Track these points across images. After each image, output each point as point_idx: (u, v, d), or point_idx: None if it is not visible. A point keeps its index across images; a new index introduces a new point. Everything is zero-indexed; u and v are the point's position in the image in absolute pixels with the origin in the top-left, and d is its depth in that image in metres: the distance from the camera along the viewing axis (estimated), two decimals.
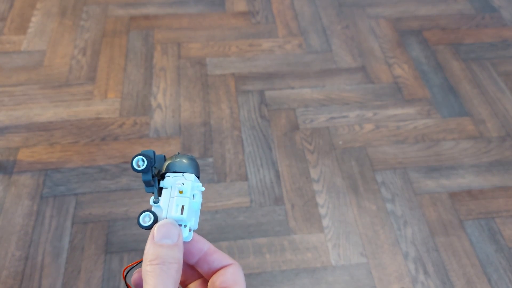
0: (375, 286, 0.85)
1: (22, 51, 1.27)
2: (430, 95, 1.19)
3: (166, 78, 1.21)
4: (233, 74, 1.22)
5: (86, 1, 1.43)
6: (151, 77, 1.21)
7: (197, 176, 0.31)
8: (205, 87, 1.19)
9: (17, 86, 1.18)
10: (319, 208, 0.96)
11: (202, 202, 0.95)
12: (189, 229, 0.30)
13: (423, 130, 1.11)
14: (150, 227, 0.29)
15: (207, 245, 0.31)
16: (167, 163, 0.31)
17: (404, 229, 0.93)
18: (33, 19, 1.36)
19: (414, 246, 0.91)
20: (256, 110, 1.14)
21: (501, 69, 1.26)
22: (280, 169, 1.02)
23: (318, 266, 0.88)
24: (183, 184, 0.30)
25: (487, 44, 1.33)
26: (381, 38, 1.34)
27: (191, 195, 0.30)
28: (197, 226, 0.31)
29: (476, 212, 0.96)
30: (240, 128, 1.10)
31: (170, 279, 0.27)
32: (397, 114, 1.14)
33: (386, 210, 0.96)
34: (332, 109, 1.15)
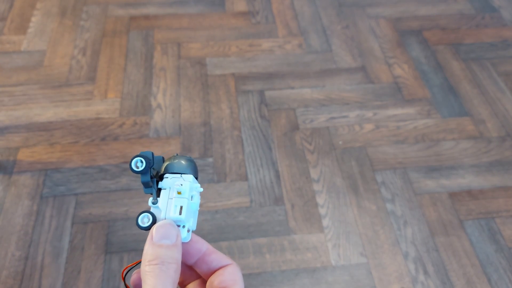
0: (375, 286, 0.85)
1: (22, 51, 1.27)
2: (430, 95, 1.19)
3: (166, 78, 1.21)
4: (233, 74, 1.22)
5: (86, 1, 1.43)
6: (151, 77, 1.21)
7: (195, 177, 0.32)
8: (205, 87, 1.19)
9: (17, 86, 1.18)
10: (319, 208, 0.96)
11: (202, 202, 0.95)
12: (187, 229, 0.30)
13: (423, 130, 1.11)
14: (148, 228, 0.29)
15: (206, 245, 0.31)
16: (166, 164, 0.31)
17: (404, 229, 0.93)
18: (33, 19, 1.36)
19: (414, 246, 0.91)
20: (256, 110, 1.14)
21: (501, 69, 1.26)
22: (280, 169, 1.02)
23: (318, 266, 0.88)
24: (182, 185, 0.30)
25: (487, 44, 1.33)
26: (381, 38, 1.34)
27: (190, 196, 0.30)
28: (195, 227, 0.31)
29: (476, 212, 0.96)
30: (240, 128, 1.10)
31: (169, 279, 0.27)
32: (397, 114, 1.14)
33: (386, 210, 0.96)
34: (332, 109, 1.15)
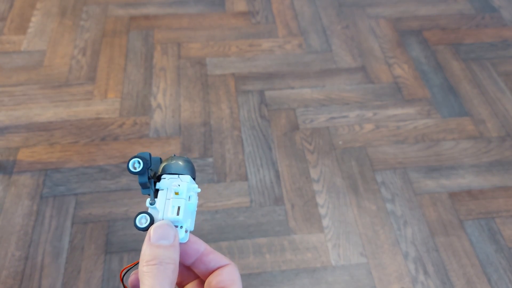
0: (375, 286, 0.85)
1: (22, 51, 1.27)
2: (430, 95, 1.19)
3: (166, 78, 1.21)
4: (233, 74, 1.22)
5: (86, 1, 1.43)
6: (151, 77, 1.21)
7: (192, 177, 0.32)
8: (205, 87, 1.19)
9: (17, 86, 1.18)
10: (319, 208, 0.96)
11: (202, 202, 0.95)
12: (185, 230, 0.30)
13: (423, 130, 1.11)
14: (146, 229, 0.30)
15: (204, 246, 0.31)
16: (163, 165, 0.31)
17: (404, 229, 0.93)
18: (33, 19, 1.36)
19: (414, 246, 0.91)
20: (256, 110, 1.14)
21: (501, 69, 1.26)
22: (280, 169, 1.02)
23: (318, 266, 0.88)
24: (179, 185, 0.30)
25: (487, 44, 1.33)
26: (381, 38, 1.34)
27: (187, 197, 0.30)
28: (193, 227, 0.31)
29: (476, 212, 0.96)
30: (240, 128, 1.10)
31: (167, 280, 0.27)
32: (397, 114, 1.14)
33: (386, 210, 0.96)
34: (332, 109, 1.15)
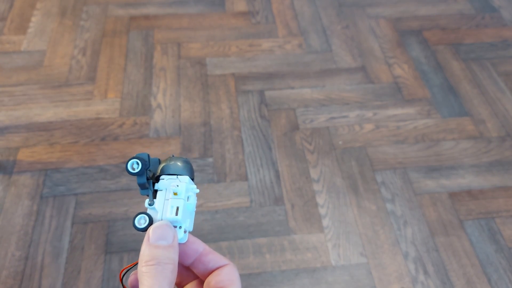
0: (375, 286, 0.85)
1: (22, 51, 1.27)
2: (430, 95, 1.19)
3: (166, 78, 1.21)
4: (233, 74, 1.22)
5: (86, 1, 1.43)
6: (151, 77, 1.21)
7: (191, 178, 0.32)
8: (205, 87, 1.19)
9: (17, 86, 1.18)
10: (319, 208, 0.96)
11: (202, 202, 0.95)
12: (184, 230, 0.30)
13: (423, 130, 1.11)
14: (145, 229, 0.30)
15: (202, 246, 0.31)
16: (162, 166, 0.31)
17: (404, 229, 0.93)
18: (33, 19, 1.36)
19: (414, 246, 0.91)
20: (256, 110, 1.14)
21: (501, 69, 1.26)
22: (280, 169, 1.02)
23: (318, 266, 0.88)
24: (178, 186, 0.30)
25: (487, 44, 1.33)
26: (381, 38, 1.34)
27: (186, 197, 0.30)
28: (192, 227, 0.31)
29: (476, 212, 0.96)
30: (240, 128, 1.10)
31: (166, 280, 0.27)
32: (397, 114, 1.14)
33: (386, 210, 0.96)
34: (332, 109, 1.15)
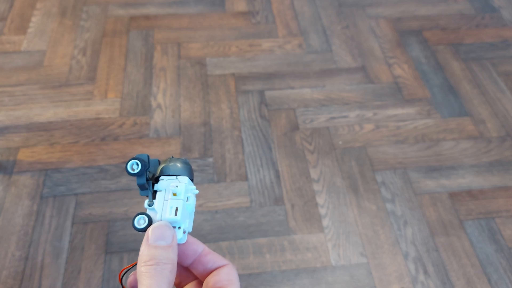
0: (375, 286, 0.85)
1: (22, 51, 1.27)
2: (430, 95, 1.19)
3: (166, 78, 1.21)
4: (233, 74, 1.22)
5: (86, 1, 1.43)
6: (151, 77, 1.21)
7: (190, 179, 0.32)
8: (205, 87, 1.19)
9: (17, 86, 1.18)
10: (319, 208, 0.96)
11: (202, 202, 0.95)
12: (183, 231, 0.30)
13: (423, 130, 1.11)
14: (144, 230, 0.30)
15: (202, 246, 0.31)
16: (161, 167, 0.32)
17: (404, 229, 0.93)
18: (33, 19, 1.36)
19: (414, 246, 0.91)
20: (256, 110, 1.14)
21: (501, 69, 1.26)
22: (280, 169, 1.02)
23: (318, 266, 0.88)
24: (177, 186, 0.30)
25: (487, 44, 1.33)
26: (381, 38, 1.34)
27: (185, 197, 0.31)
28: (191, 228, 0.31)
29: (476, 212, 0.96)
30: (240, 128, 1.10)
31: (164, 280, 0.27)
32: (397, 114, 1.14)
33: (386, 210, 0.96)
34: (332, 109, 1.15)
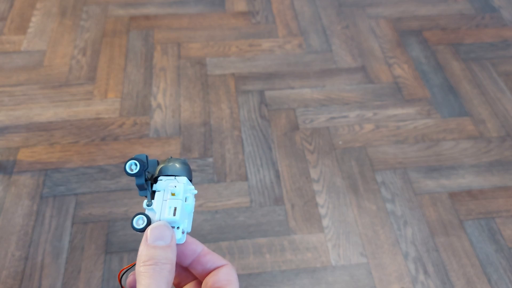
0: (375, 286, 0.86)
1: (22, 51, 1.27)
2: (430, 95, 1.19)
3: (166, 78, 1.21)
4: (233, 74, 1.22)
5: (86, 1, 1.43)
6: (151, 77, 1.21)
7: (189, 179, 0.32)
8: (205, 87, 1.19)
9: (17, 86, 1.18)
10: (319, 208, 0.96)
11: (202, 202, 0.95)
12: (182, 231, 0.30)
13: (423, 130, 1.11)
14: (143, 230, 0.30)
15: (201, 246, 0.32)
16: (160, 167, 0.32)
17: (404, 229, 0.93)
18: (33, 19, 1.36)
19: (414, 246, 0.91)
20: (256, 110, 1.14)
21: (501, 69, 1.26)
22: (280, 169, 1.02)
23: (318, 266, 0.88)
24: (176, 187, 0.30)
25: (487, 44, 1.33)
26: (381, 38, 1.34)
27: (184, 198, 0.31)
28: (190, 228, 0.31)
29: (476, 212, 0.96)
30: (240, 128, 1.10)
31: (163, 280, 0.27)
32: (397, 114, 1.14)
33: (386, 210, 0.96)
34: (332, 109, 1.15)
